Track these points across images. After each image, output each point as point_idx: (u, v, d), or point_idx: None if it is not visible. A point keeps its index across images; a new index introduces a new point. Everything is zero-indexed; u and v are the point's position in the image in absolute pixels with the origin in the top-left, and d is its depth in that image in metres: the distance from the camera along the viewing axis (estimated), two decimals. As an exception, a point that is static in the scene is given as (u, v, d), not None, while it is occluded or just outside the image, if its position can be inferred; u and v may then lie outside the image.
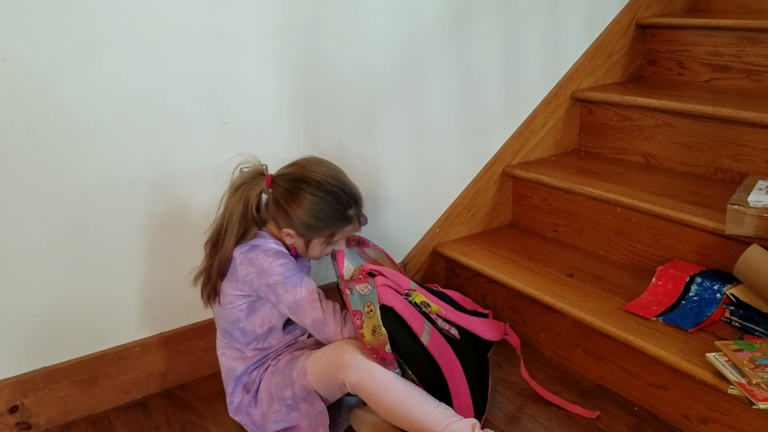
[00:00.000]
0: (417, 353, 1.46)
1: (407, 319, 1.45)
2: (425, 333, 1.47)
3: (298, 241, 1.55)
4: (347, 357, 1.42)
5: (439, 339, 1.50)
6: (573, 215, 2.12)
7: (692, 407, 1.54)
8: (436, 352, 1.48)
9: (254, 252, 1.51)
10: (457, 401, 1.51)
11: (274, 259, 1.50)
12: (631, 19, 2.40)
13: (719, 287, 1.66)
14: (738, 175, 1.96)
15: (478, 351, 1.61)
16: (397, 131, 2.03)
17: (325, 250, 1.57)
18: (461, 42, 2.06)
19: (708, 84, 2.30)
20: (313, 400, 1.48)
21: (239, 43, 1.69)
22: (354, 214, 1.54)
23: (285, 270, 1.50)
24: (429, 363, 1.48)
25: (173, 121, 1.66)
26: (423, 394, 1.45)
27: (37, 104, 1.49)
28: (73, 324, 1.67)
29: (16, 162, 1.50)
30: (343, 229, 1.54)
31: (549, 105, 2.31)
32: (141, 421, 1.70)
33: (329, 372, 1.45)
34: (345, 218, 1.53)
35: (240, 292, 1.52)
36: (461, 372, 1.52)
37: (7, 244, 1.54)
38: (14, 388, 1.62)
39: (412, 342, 1.46)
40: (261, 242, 1.53)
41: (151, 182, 1.67)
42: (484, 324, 1.62)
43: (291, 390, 1.50)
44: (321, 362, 1.47)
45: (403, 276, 1.53)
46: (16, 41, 1.43)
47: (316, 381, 1.47)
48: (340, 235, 1.55)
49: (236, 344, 1.59)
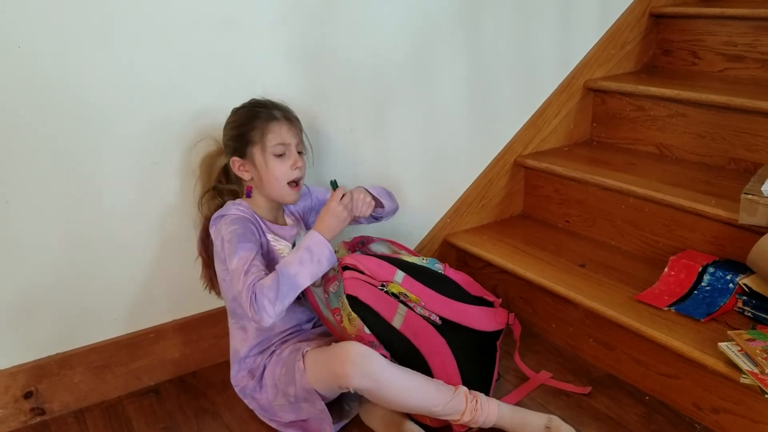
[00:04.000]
0: (388, 336, 1.50)
1: (373, 306, 1.49)
2: (397, 316, 1.51)
3: (249, 167, 1.57)
4: (348, 367, 1.42)
5: (417, 321, 1.53)
6: (585, 205, 2.11)
7: (704, 397, 1.54)
8: (410, 334, 1.52)
9: (217, 222, 1.56)
10: (445, 378, 1.52)
11: (228, 225, 1.53)
12: (645, 9, 2.39)
13: (732, 277, 1.65)
14: (752, 165, 1.95)
15: (475, 336, 1.62)
16: (408, 120, 2.03)
17: (274, 166, 1.55)
18: (473, 30, 2.06)
19: (722, 74, 2.28)
20: (313, 400, 1.48)
21: (251, 31, 1.69)
22: (280, 115, 1.57)
23: (231, 236, 1.51)
24: (402, 344, 1.51)
25: (185, 108, 1.66)
26: (423, 381, 1.48)
27: (50, 91, 1.50)
28: (87, 311, 1.69)
29: (29, 149, 1.51)
30: (269, 124, 1.55)
31: (562, 95, 2.30)
32: (154, 408, 1.72)
33: (329, 376, 1.45)
34: (268, 115, 1.56)
35: (223, 265, 1.54)
36: (447, 349, 1.54)
37: (21, 231, 1.55)
38: (29, 374, 1.64)
39: (383, 326, 1.50)
40: (224, 210, 1.58)
41: (163, 170, 1.68)
42: (480, 313, 1.64)
43: (293, 388, 1.51)
44: (320, 365, 1.47)
45: (387, 267, 1.56)
46: (30, 29, 1.44)
47: (315, 381, 1.47)
48: (273, 136, 1.54)
49: (241, 322, 1.62)
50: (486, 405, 1.49)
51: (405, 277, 1.57)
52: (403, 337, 1.51)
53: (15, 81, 1.46)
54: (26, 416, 1.66)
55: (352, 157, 1.95)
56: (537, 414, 1.52)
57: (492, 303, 1.69)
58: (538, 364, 1.81)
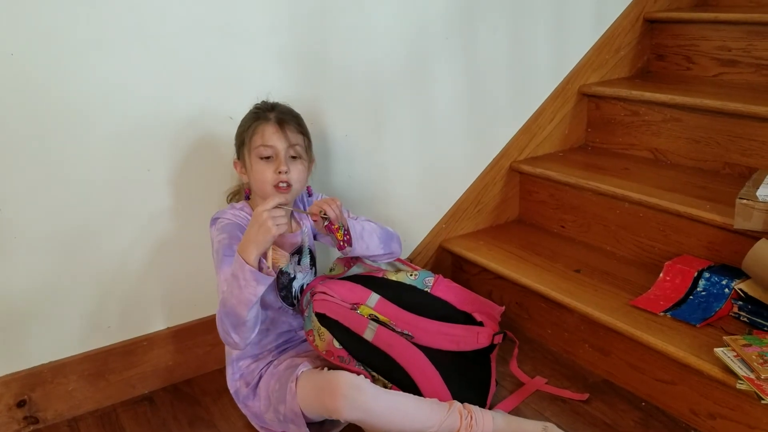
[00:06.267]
0: (360, 348, 1.52)
1: (341, 321, 1.52)
2: (368, 330, 1.53)
3: (243, 168, 1.57)
4: (339, 401, 1.39)
5: (389, 334, 1.54)
6: (580, 211, 2.11)
7: (700, 402, 1.53)
8: (384, 345, 1.53)
9: (212, 224, 1.57)
10: (428, 386, 1.52)
11: (219, 233, 1.53)
12: (639, 14, 2.39)
13: (727, 282, 1.65)
14: (746, 169, 1.95)
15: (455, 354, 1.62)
16: (403, 126, 2.02)
17: (259, 169, 1.51)
18: (468, 36, 2.06)
19: (716, 79, 2.29)
20: (300, 424, 1.47)
21: (244, 37, 1.69)
22: (274, 117, 1.53)
23: (219, 246, 1.51)
24: (377, 356, 1.52)
25: (178, 115, 1.66)
26: (416, 403, 1.46)
27: (42, 99, 1.49)
28: (81, 318, 1.68)
29: (22, 156, 1.50)
30: (257, 125, 1.52)
31: (556, 100, 2.30)
32: (148, 416, 1.71)
33: (319, 407, 1.44)
34: (261, 117, 1.54)
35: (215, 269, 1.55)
36: (424, 359, 1.54)
37: (15, 239, 1.54)
38: (22, 382, 1.63)
39: (353, 338, 1.52)
40: (220, 212, 1.58)
41: (157, 179, 1.68)
42: (464, 333, 1.64)
43: (284, 407, 1.49)
44: (312, 393, 1.45)
45: (360, 291, 1.59)
46: (23, 37, 1.44)
47: (305, 407, 1.45)
48: (260, 137, 1.51)
49: None
50: (481, 420, 1.47)
51: (379, 299, 1.59)
52: (377, 348, 1.52)
53: (7, 88, 1.45)
54: (20, 425, 1.65)
55: (347, 162, 1.94)
56: (532, 422, 1.51)
57: (481, 323, 1.68)
58: (533, 370, 1.80)
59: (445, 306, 1.67)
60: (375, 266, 1.75)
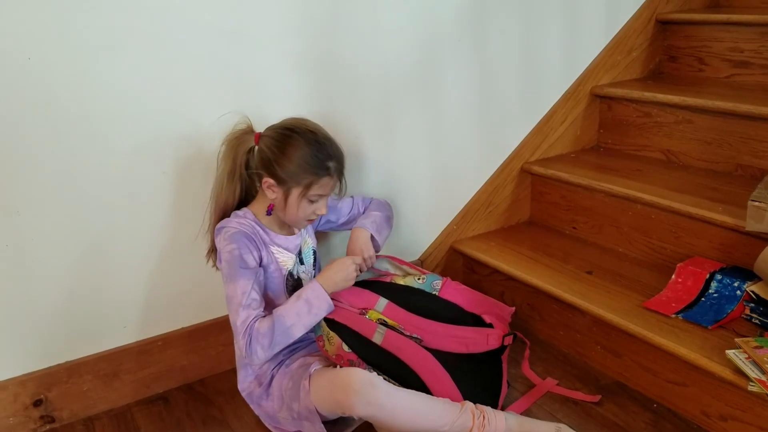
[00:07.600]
0: (370, 351, 1.54)
1: (350, 326, 1.55)
2: (377, 334, 1.55)
3: (278, 193, 1.55)
4: (352, 397, 1.41)
5: (398, 338, 1.56)
6: (592, 212, 2.11)
7: (712, 404, 1.53)
8: (393, 348, 1.54)
9: (218, 234, 1.57)
10: (439, 388, 1.52)
11: (228, 243, 1.53)
12: (651, 15, 2.39)
13: (739, 284, 1.65)
14: (759, 171, 1.94)
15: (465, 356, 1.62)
16: (414, 128, 2.03)
17: (303, 207, 1.55)
18: (479, 38, 2.06)
19: (728, 80, 2.28)
20: (314, 420, 1.48)
21: (257, 41, 1.70)
22: (333, 168, 1.55)
23: (230, 258, 1.52)
24: (387, 359, 1.53)
25: (192, 121, 1.67)
26: (429, 402, 1.47)
27: (59, 102, 1.51)
28: (96, 319, 1.70)
29: (37, 159, 1.52)
30: (321, 179, 1.53)
31: (568, 101, 2.30)
32: (162, 415, 1.73)
33: (332, 404, 1.45)
34: (324, 168, 1.53)
35: (223, 279, 1.56)
36: (434, 361, 1.54)
37: (31, 241, 1.56)
38: (39, 382, 1.65)
39: (363, 342, 1.54)
40: (225, 221, 1.58)
41: (171, 180, 1.69)
42: (473, 335, 1.64)
43: (297, 404, 1.51)
44: (325, 390, 1.46)
45: (368, 296, 1.62)
46: (40, 40, 1.45)
47: (319, 404, 1.47)
48: (318, 188, 1.54)
49: None
50: (494, 419, 1.47)
51: (387, 304, 1.62)
52: (386, 351, 1.53)
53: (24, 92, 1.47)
54: (36, 424, 1.67)
55: (358, 164, 1.95)
56: (545, 423, 1.51)
57: (490, 324, 1.68)
58: (545, 372, 1.81)
59: (454, 309, 1.68)
60: (382, 270, 1.77)
